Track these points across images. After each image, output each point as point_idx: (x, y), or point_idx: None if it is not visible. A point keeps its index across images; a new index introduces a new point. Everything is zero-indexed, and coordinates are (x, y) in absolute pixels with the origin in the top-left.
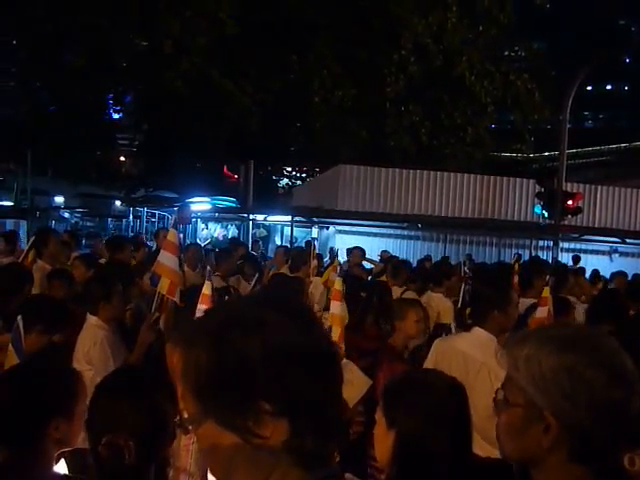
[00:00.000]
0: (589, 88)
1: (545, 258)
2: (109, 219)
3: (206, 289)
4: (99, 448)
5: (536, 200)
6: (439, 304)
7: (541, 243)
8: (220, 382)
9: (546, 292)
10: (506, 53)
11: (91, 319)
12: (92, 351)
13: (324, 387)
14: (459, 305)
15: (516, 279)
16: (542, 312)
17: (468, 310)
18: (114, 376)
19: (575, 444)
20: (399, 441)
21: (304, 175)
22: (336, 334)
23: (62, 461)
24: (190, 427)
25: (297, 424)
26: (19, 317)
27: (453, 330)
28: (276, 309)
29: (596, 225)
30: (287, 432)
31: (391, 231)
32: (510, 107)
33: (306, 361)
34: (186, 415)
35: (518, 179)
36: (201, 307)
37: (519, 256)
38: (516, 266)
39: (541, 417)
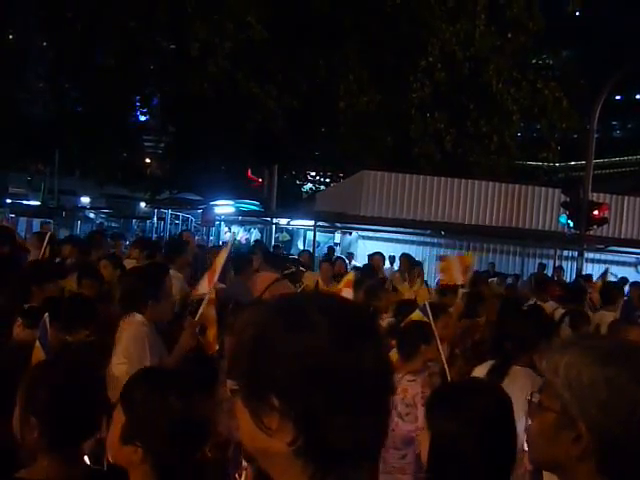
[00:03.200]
0: (618, 97)
1: (569, 268)
2: (133, 220)
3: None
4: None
5: (561, 209)
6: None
7: (565, 253)
8: (246, 367)
9: None
10: (534, 61)
11: (136, 317)
12: (131, 346)
13: (346, 409)
14: None
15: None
16: None
17: None
18: (144, 372)
19: (606, 457)
20: (432, 442)
21: (328, 180)
22: None
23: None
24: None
25: (302, 430)
26: (46, 314)
27: None
28: (327, 313)
29: (622, 236)
30: (291, 434)
31: (414, 238)
32: (537, 115)
33: (333, 378)
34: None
35: (543, 188)
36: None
37: (606, 271)
38: (600, 282)
39: (573, 426)
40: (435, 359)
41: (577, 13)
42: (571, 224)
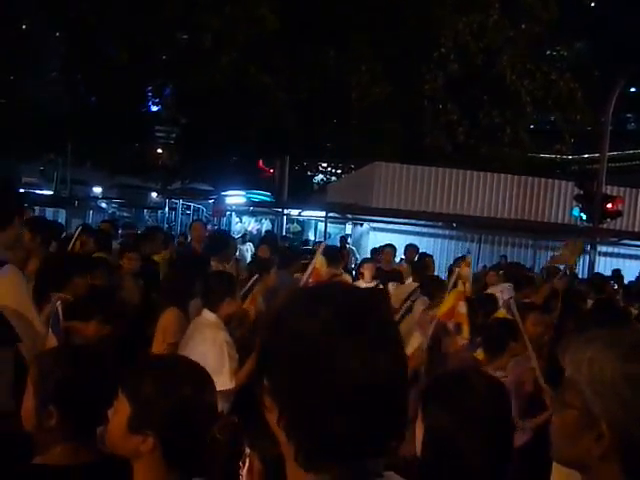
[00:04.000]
0: (633, 89)
1: (582, 262)
2: (145, 210)
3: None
4: None
5: (574, 202)
6: None
7: None
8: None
9: None
10: (548, 52)
11: (209, 317)
12: (210, 353)
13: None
14: None
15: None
16: None
17: None
18: (147, 361)
19: (629, 457)
20: (426, 435)
21: (339, 171)
22: None
23: None
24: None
25: (283, 416)
26: (58, 302)
27: None
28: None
29: (636, 229)
30: (276, 416)
31: (425, 230)
32: (551, 107)
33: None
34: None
35: (556, 180)
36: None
37: None
38: None
39: (595, 424)
40: (520, 355)
41: (592, 4)
42: (584, 217)
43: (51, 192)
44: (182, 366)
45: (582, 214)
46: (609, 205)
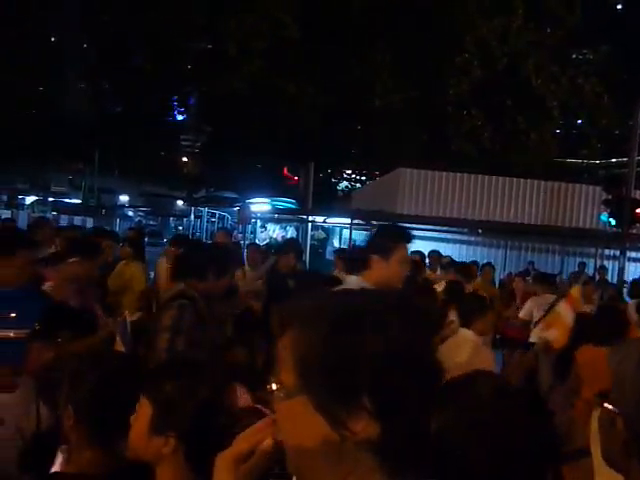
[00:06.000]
0: None
1: (611, 268)
2: (171, 218)
3: None
4: None
5: (602, 207)
6: None
7: (607, 252)
8: (329, 368)
9: None
10: (574, 56)
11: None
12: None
13: (425, 400)
14: None
15: None
16: None
17: None
18: (167, 362)
19: None
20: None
21: (364, 178)
22: None
23: None
24: (279, 395)
25: (389, 429)
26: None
27: None
28: (401, 312)
29: None
30: (377, 434)
31: (450, 236)
32: (577, 111)
33: (416, 372)
34: (278, 385)
35: (584, 185)
36: None
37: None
38: None
39: (614, 422)
40: None
41: (618, 6)
42: (613, 222)
43: (79, 201)
44: (202, 366)
45: (611, 219)
46: (638, 210)
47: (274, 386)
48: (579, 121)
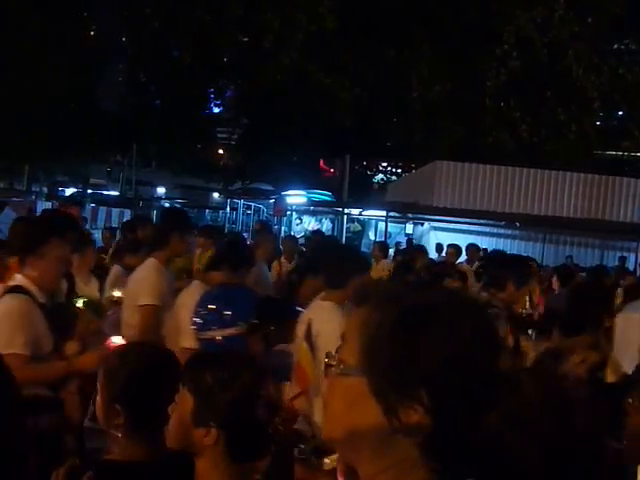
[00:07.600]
0: None
1: None
2: (207, 210)
3: None
4: None
5: None
6: None
7: None
8: (395, 355)
9: None
10: (616, 46)
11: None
12: None
13: (484, 403)
14: None
15: None
16: None
17: None
18: (204, 354)
19: None
20: None
21: (399, 170)
22: None
23: None
24: (337, 371)
25: (442, 427)
26: None
27: None
28: (475, 316)
29: None
30: (429, 430)
31: (487, 229)
32: (618, 103)
33: (480, 376)
34: (339, 360)
35: (625, 178)
36: None
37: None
38: None
39: None
40: None
41: None
42: None
43: (117, 193)
44: (241, 357)
45: None
46: None
47: (330, 360)
48: (620, 112)
